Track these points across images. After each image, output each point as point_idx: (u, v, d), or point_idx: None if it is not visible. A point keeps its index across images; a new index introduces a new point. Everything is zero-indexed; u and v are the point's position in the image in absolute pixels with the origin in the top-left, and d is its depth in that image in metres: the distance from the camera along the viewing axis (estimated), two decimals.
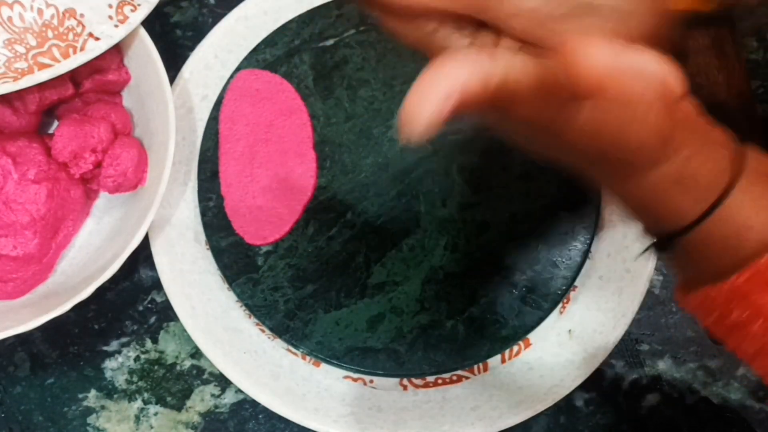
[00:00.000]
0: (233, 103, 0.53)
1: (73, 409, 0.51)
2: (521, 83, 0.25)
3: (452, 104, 0.24)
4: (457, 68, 0.24)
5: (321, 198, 0.52)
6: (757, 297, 0.28)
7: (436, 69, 0.24)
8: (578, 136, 0.26)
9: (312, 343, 0.49)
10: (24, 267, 0.50)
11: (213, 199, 0.52)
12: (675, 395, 0.51)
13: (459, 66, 0.24)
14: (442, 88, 0.24)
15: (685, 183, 0.28)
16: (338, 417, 0.49)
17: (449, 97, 0.24)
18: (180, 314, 0.50)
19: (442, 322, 0.49)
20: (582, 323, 0.50)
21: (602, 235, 0.51)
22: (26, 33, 0.45)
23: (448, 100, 0.24)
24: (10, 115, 0.51)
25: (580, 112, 0.26)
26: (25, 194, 0.49)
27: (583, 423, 0.51)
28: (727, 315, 0.29)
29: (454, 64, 0.24)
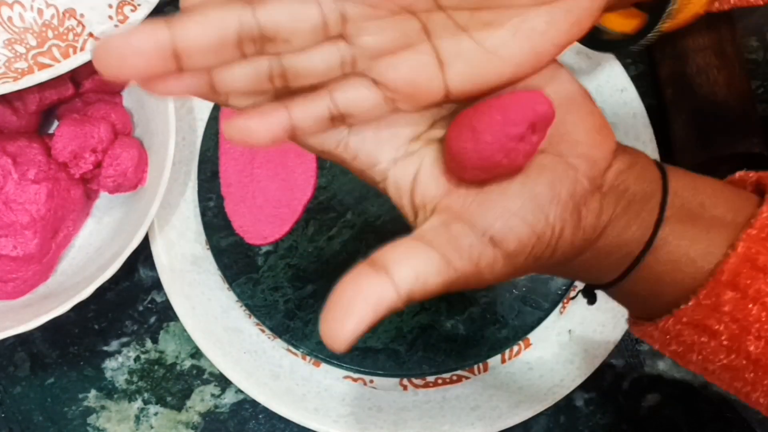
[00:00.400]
0: None
1: (73, 409, 0.51)
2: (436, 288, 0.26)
3: (369, 322, 0.25)
4: (369, 290, 0.25)
5: (321, 198, 0.52)
6: (687, 337, 0.30)
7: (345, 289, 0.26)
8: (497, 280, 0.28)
9: (312, 343, 0.49)
10: (24, 267, 0.50)
11: (213, 199, 0.52)
12: (675, 395, 0.51)
13: (368, 293, 0.25)
14: (357, 312, 0.25)
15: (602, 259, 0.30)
16: (338, 417, 0.49)
17: (361, 326, 0.25)
18: (180, 314, 0.50)
19: (442, 322, 0.49)
20: (582, 323, 0.50)
21: None
22: (26, 33, 0.45)
23: (361, 327, 0.25)
24: (10, 115, 0.51)
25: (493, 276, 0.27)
26: (25, 194, 0.49)
27: (583, 423, 0.51)
28: (666, 346, 0.31)
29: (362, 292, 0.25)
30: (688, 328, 0.29)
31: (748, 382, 0.30)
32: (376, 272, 0.26)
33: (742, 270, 0.28)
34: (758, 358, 0.29)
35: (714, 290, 0.28)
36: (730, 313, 0.28)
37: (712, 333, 0.29)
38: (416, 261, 0.26)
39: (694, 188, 0.30)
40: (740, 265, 0.28)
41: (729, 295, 0.28)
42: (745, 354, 0.29)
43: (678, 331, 0.30)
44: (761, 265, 0.28)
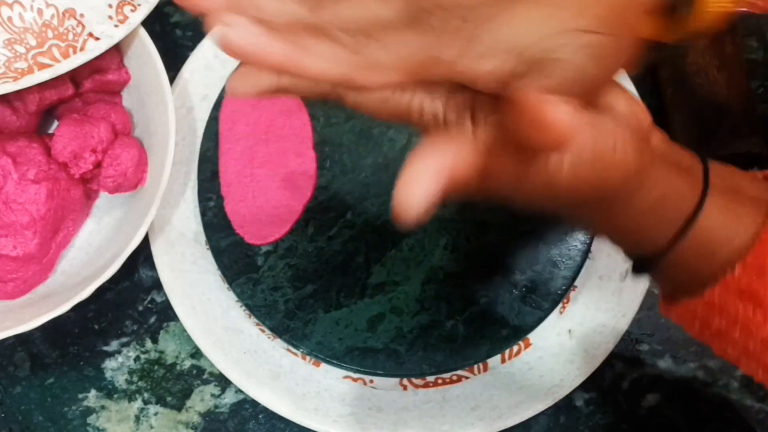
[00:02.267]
0: (233, 103, 0.53)
1: (73, 409, 0.51)
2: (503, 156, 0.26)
3: (442, 188, 0.25)
4: (443, 154, 0.25)
5: (321, 198, 0.52)
6: (732, 307, 0.30)
7: (421, 155, 0.25)
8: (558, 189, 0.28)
9: (312, 343, 0.49)
10: (24, 267, 0.50)
11: (213, 199, 0.52)
12: (675, 395, 0.51)
13: (444, 151, 0.25)
14: (431, 176, 0.25)
15: (657, 210, 0.30)
16: (338, 417, 0.49)
17: (439, 183, 0.25)
18: (180, 314, 0.50)
19: (442, 322, 0.49)
20: (582, 323, 0.50)
21: None
22: (26, 33, 0.45)
23: (438, 186, 0.25)
24: (10, 115, 0.51)
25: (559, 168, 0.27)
26: (25, 194, 0.49)
27: (583, 423, 0.51)
28: (708, 324, 0.31)
29: (439, 150, 0.25)
30: (735, 297, 0.30)
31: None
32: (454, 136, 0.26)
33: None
34: None
35: (760, 253, 0.29)
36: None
37: (758, 300, 0.29)
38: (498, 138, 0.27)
39: (728, 170, 0.32)
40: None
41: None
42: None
43: (723, 302, 0.30)
44: None
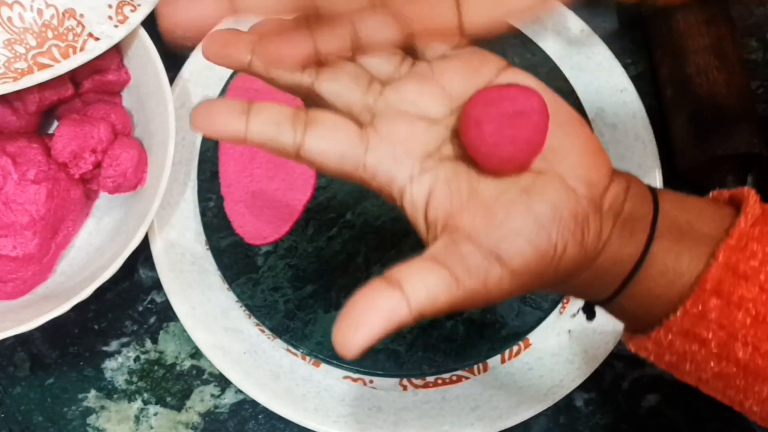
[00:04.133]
0: None
1: (73, 410, 0.51)
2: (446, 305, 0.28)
3: (380, 334, 0.26)
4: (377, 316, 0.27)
5: (321, 198, 0.52)
6: (679, 347, 0.31)
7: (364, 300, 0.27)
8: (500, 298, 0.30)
9: (312, 343, 0.49)
10: (24, 267, 0.50)
11: (213, 199, 0.52)
12: (675, 395, 0.51)
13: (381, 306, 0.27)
14: (369, 323, 0.26)
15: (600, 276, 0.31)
16: (338, 417, 0.49)
17: (373, 337, 0.26)
18: (180, 314, 0.50)
19: (441, 322, 0.49)
20: (582, 323, 0.50)
21: None
22: (26, 33, 0.45)
23: (373, 338, 0.26)
24: (10, 115, 0.51)
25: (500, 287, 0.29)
26: (25, 194, 0.49)
27: (583, 423, 0.51)
28: (661, 358, 0.33)
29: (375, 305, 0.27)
30: (679, 338, 0.31)
31: (740, 389, 0.31)
32: (390, 287, 0.27)
33: (725, 278, 0.30)
34: (747, 364, 0.30)
35: (700, 298, 0.30)
36: (716, 320, 0.30)
37: (702, 341, 0.30)
38: (428, 279, 0.27)
39: (683, 208, 0.32)
40: (722, 273, 0.30)
41: (714, 303, 0.30)
42: (735, 360, 0.30)
43: (670, 341, 0.31)
44: (742, 272, 0.30)
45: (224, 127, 0.30)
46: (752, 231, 0.30)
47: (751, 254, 0.30)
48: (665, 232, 0.31)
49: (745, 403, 0.32)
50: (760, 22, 0.60)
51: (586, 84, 0.55)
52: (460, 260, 0.28)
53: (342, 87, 0.31)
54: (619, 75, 0.55)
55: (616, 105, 0.55)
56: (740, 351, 0.30)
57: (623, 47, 0.58)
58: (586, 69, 0.55)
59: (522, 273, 0.28)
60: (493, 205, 0.29)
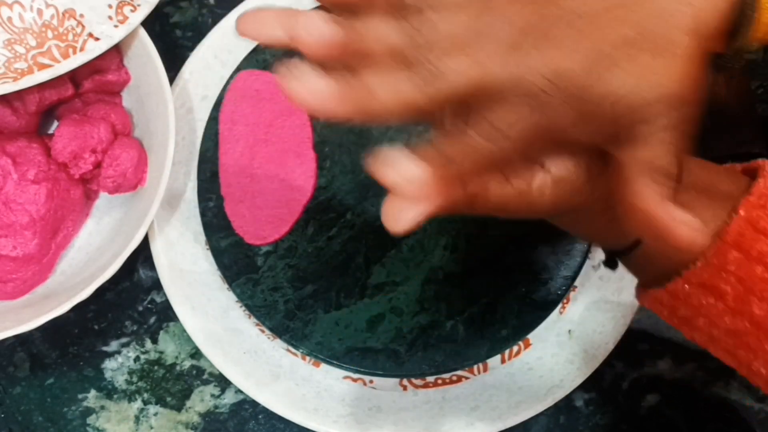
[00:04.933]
0: (233, 103, 0.53)
1: (73, 410, 0.51)
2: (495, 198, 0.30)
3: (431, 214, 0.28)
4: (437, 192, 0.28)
5: (321, 198, 0.52)
6: (695, 299, 0.32)
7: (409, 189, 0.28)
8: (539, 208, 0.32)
9: (312, 343, 0.49)
10: (24, 267, 0.50)
11: (213, 199, 0.52)
12: (675, 395, 0.51)
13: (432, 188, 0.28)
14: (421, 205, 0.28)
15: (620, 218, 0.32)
16: (338, 417, 0.49)
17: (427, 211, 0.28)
18: (180, 314, 0.50)
19: (441, 322, 0.49)
20: (582, 323, 0.50)
21: None
22: (26, 33, 0.45)
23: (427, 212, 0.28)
24: (10, 115, 0.51)
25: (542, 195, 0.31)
26: (25, 194, 0.49)
27: (583, 423, 0.51)
28: (675, 312, 0.33)
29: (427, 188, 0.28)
30: (697, 289, 0.31)
31: (751, 348, 0.31)
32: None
33: (745, 232, 0.30)
34: (761, 320, 0.30)
35: (720, 250, 0.30)
36: (735, 273, 0.30)
37: (719, 293, 0.31)
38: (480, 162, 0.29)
39: (702, 167, 0.33)
40: (743, 227, 0.30)
41: (734, 255, 0.30)
42: (749, 316, 0.31)
43: (687, 293, 0.32)
44: (762, 228, 0.30)
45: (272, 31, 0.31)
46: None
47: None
48: (689, 185, 0.32)
49: (754, 364, 0.32)
50: None
51: None
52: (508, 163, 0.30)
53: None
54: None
55: None
56: (756, 306, 0.30)
57: None
58: None
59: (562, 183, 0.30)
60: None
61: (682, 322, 0.34)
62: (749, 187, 0.32)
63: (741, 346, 0.32)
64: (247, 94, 0.53)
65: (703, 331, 0.33)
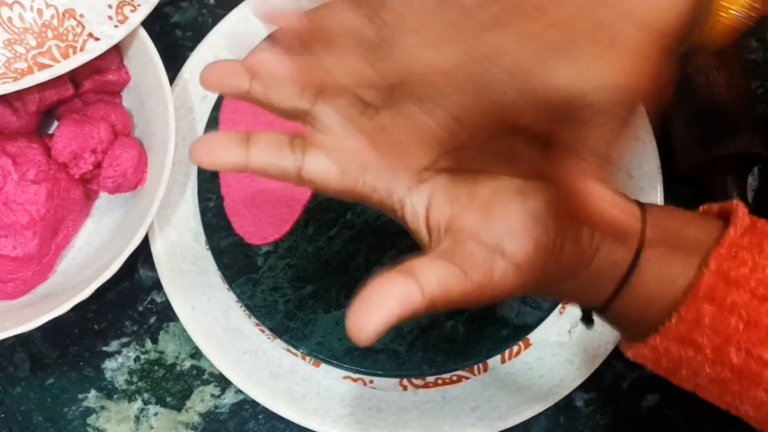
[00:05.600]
0: (233, 103, 0.53)
1: (73, 410, 0.51)
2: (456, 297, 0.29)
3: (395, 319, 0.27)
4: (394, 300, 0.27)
5: (321, 198, 0.52)
6: (675, 352, 0.32)
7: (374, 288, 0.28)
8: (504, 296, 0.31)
9: (312, 343, 0.49)
10: (24, 267, 0.50)
11: (213, 199, 0.52)
12: (675, 395, 0.51)
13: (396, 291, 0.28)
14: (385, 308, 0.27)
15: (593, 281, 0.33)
16: (338, 417, 0.49)
17: (388, 322, 0.27)
18: (180, 314, 0.50)
19: (441, 322, 0.49)
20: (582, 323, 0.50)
21: None
22: (26, 33, 0.45)
23: (388, 323, 0.27)
24: (10, 116, 0.51)
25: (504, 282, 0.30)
26: (25, 195, 0.49)
27: (583, 423, 0.51)
28: (658, 365, 0.33)
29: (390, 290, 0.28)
30: (675, 344, 0.32)
31: (736, 394, 0.32)
32: (403, 275, 0.28)
33: (717, 284, 0.31)
34: (741, 368, 0.31)
35: (693, 305, 0.31)
36: (710, 325, 0.31)
37: (697, 346, 0.31)
38: (439, 270, 0.29)
39: (672, 218, 0.33)
40: (714, 280, 0.31)
41: (708, 309, 0.31)
42: (729, 365, 0.31)
43: (666, 347, 0.32)
44: (733, 279, 0.31)
45: (226, 158, 0.32)
46: (742, 240, 0.31)
47: (742, 262, 0.31)
48: (656, 240, 0.32)
49: (741, 408, 0.33)
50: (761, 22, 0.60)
51: None
52: (466, 256, 0.29)
53: (339, 110, 0.32)
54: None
55: None
56: (734, 356, 0.31)
57: None
58: None
59: (525, 267, 0.29)
60: (491, 205, 0.30)
61: (667, 373, 0.34)
62: (720, 237, 0.32)
63: (726, 393, 0.33)
64: None
65: (688, 380, 0.33)
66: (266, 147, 0.32)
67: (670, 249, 0.32)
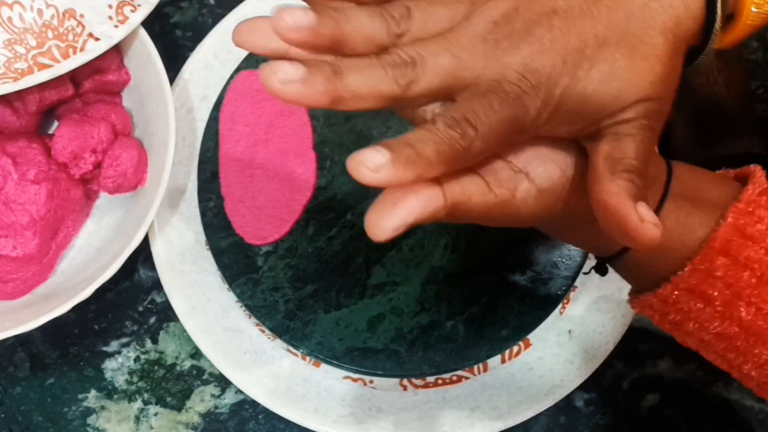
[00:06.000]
0: (233, 103, 0.53)
1: (73, 410, 0.51)
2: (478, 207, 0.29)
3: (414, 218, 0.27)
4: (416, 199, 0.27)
5: (321, 198, 0.52)
6: (684, 304, 0.32)
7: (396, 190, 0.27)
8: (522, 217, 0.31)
9: (312, 343, 0.49)
10: (24, 267, 0.50)
11: (213, 199, 0.52)
12: (675, 395, 0.51)
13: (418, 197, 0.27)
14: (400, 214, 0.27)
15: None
16: (338, 417, 0.49)
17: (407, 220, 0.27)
18: (180, 314, 0.50)
19: (442, 322, 0.49)
20: (582, 323, 0.50)
21: None
22: (26, 33, 0.45)
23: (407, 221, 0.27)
24: (10, 116, 0.51)
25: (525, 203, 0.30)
26: (25, 195, 0.49)
27: (583, 423, 0.51)
28: (665, 317, 0.34)
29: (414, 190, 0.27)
30: (685, 295, 0.32)
31: (740, 351, 0.32)
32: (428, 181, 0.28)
33: (733, 238, 0.31)
34: (749, 324, 0.31)
35: (708, 256, 0.31)
36: (722, 278, 0.31)
37: (707, 298, 0.31)
38: (463, 180, 0.29)
39: (693, 174, 0.34)
40: (731, 234, 0.31)
41: (721, 261, 0.31)
42: (738, 320, 0.31)
43: (676, 298, 0.32)
44: (749, 234, 0.31)
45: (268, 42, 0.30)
46: (760, 199, 0.32)
47: (759, 219, 0.31)
48: (678, 193, 0.32)
49: (744, 367, 0.33)
50: None
51: None
52: (492, 171, 0.30)
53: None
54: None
55: None
56: (744, 311, 0.31)
57: None
58: None
59: (547, 192, 0.30)
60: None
61: (674, 327, 0.34)
62: (739, 194, 0.32)
63: (731, 350, 0.32)
64: (247, 94, 0.53)
65: (694, 336, 0.33)
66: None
67: (690, 202, 0.32)
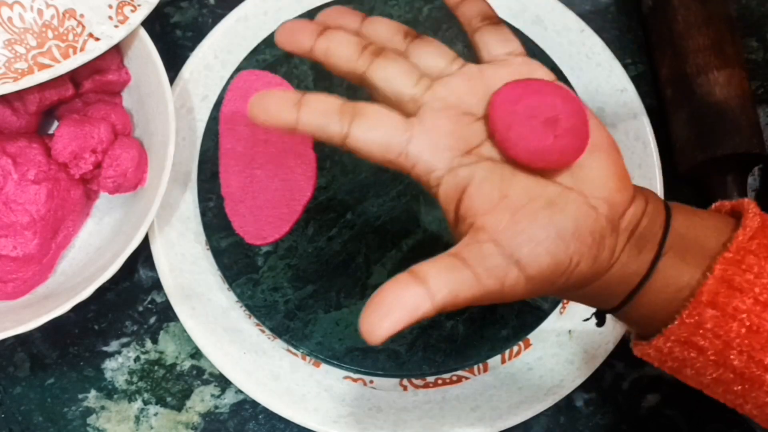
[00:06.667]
0: (233, 103, 0.53)
1: (73, 410, 0.51)
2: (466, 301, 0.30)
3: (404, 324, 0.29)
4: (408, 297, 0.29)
5: (321, 198, 0.52)
6: (678, 354, 0.33)
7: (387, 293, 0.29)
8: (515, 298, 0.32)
9: (312, 343, 0.49)
10: (24, 267, 0.50)
11: (213, 199, 0.52)
12: (675, 395, 0.51)
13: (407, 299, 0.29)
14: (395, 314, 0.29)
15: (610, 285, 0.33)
16: (338, 417, 0.49)
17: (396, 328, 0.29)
18: (180, 314, 0.50)
19: (442, 322, 0.49)
20: (582, 323, 0.50)
21: None
22: (26, 33, 0.45)
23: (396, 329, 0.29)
24: (10, 116, 0.51)
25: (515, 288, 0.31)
26: (25, 194, 0.49)
27: (583, 423, 0.51)
28: (664, 364, 0.34)
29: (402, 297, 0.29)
30: (678, 345, 0.32)
31: (739, 394, 0.33)
32: (416, 282, 0.29)
33: (720, 290, 0.31)
34: (742, 371, 0.32)
35: (696, 309, 0.31)
36: (712, 330, 0.31)
37: (699, 348, 0.32)
38: (451, 277, 0.30)
39: (691, 224, 0.33)
40: (718, 286, 0.31)
41: (710, 313, 0.31)
42: (731, 368, 0.32)
43: (669, 348, 0.33)
44: (737, 285, 0.31)
45: (278, 116, 0.32)
46: (750, 244, 0.32)
47: (748, 267, 0.31)
48: (671, 248, 0.32)
49: (745, 407, 0.33)
50: (760, 22, 0.60)
51: (586, 84, 0.55)
52: (481, 259, 0.30)
53: (393, 75, 0.33)
54: (619, 75, 0.55)
55: (616, 105, 0.55)
56: (736, 359, 0.31)
57: (623, 47, 0.58)
58: (586, 69, 0.55)
59: (536, 279, 0.30)
60: (519, 211, 0.30)
61: (673, 371, 0.35)
62: (729, 240, 0.32)
63: (729, 393, 0.33)
64: (247, 94, 0.54)
65: (693, 379, 0.34)
66: (317, 110, 0.33)
67: (683, 256, 0.32)
